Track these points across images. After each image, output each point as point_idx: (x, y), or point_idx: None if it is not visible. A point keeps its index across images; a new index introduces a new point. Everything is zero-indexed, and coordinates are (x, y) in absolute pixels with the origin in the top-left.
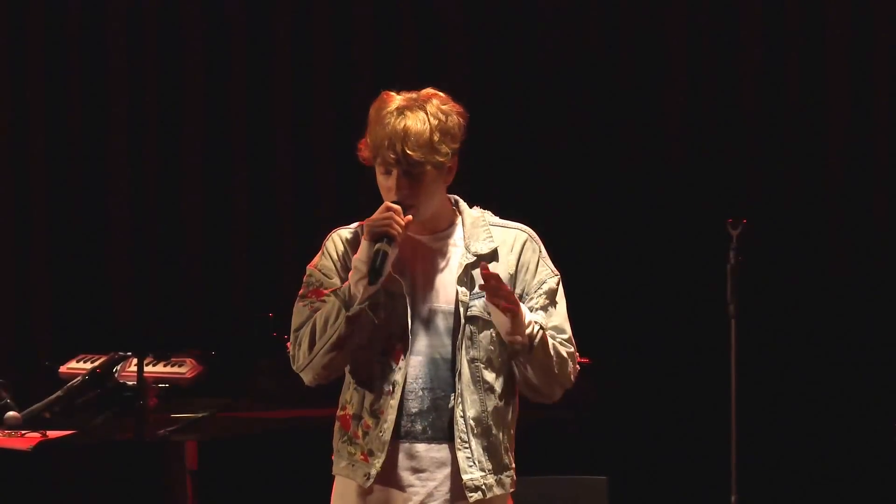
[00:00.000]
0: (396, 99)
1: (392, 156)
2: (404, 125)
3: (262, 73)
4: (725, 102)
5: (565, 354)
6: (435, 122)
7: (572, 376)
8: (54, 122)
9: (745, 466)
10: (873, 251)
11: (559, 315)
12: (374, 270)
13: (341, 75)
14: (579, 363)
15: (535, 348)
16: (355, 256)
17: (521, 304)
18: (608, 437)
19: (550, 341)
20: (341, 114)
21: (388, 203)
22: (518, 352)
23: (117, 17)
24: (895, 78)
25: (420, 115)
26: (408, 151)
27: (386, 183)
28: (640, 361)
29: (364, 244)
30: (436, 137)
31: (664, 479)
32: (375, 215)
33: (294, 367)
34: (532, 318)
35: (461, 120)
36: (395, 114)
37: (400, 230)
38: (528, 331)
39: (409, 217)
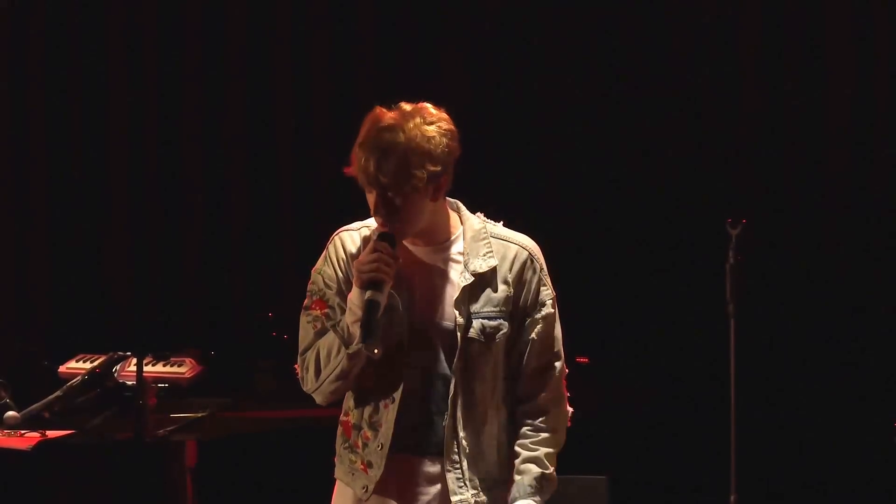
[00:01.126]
0: (384, 116)
1: (365, 176)
2: (379, 146)
3: (262, 72)
4: (725, 102)
5: (553, 464)
6: (412, 145)
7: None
8: (54, 121)
9: (745, 466)
10: (873, 251)
11: (557, 341)
12: (366, 327)
13: (342, 75)
14: (578, 362)
15: None
16: (349, 297)
17: None
18: (608, 437)
19: (544, 484)
20: (341, 114)
21: (374, 242)
22: None
23: (117, 17)
24: (895, 78)
25: (399, 135)
26: (379, 176)
27: (368, 201)
28: (640, 361)
29: (356, 290)
30: (412, 160)
31: (664, 479)
32: (362, 257)
33: (304, 389)
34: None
35: (446, 140)
36: (374, 132)
37: (390, 272)
38: None
39: (398, 257)
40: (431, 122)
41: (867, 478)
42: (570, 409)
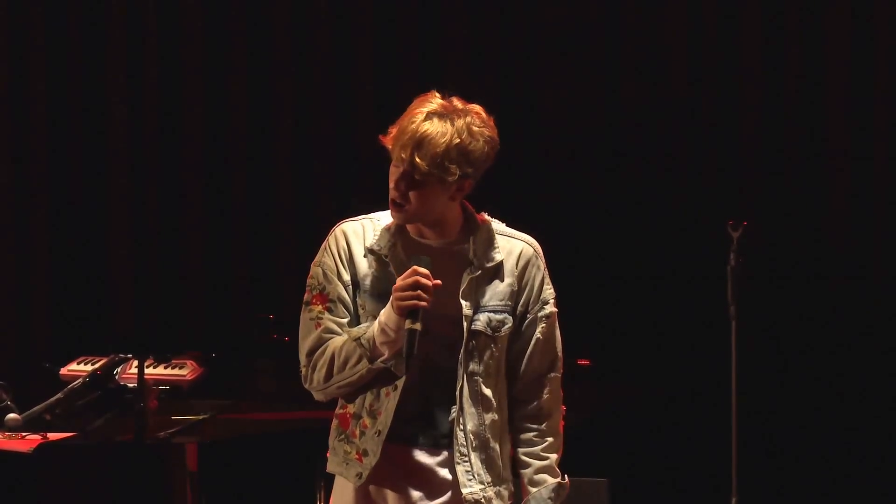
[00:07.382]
0: (436, 101)
1: (402, 155)
2: (425, 130)
3: (262, 72)
4: (726, 104)
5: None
6: (456, 140)
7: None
8: (55, 122)
9: (746, 468)
10: (873, 251)
11: (558, 342)
12: (408, 357)
13: (342, 75)
14: (580, 364)
15: None
16: (383, 321)
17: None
18: (609, 439)
19: (561, 493)
20: (342, 114)
21: (415, 267)
22: None
23: (118, 16)
24: (895, 78)
25: (447, 126)
26: (416, 157)
27: (391, 174)
28: (641, 363)
29: (394, 317)
30: (451, 154)
31: (665, 481)
32: (401, 282)
33: (305, 386)
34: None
35: (487, 148)
36: (424, 115)
37: (428, 299)
38: None
39: (439, 282)
40: (480, 126)
41: (868, 478)
42: (563, 408)
